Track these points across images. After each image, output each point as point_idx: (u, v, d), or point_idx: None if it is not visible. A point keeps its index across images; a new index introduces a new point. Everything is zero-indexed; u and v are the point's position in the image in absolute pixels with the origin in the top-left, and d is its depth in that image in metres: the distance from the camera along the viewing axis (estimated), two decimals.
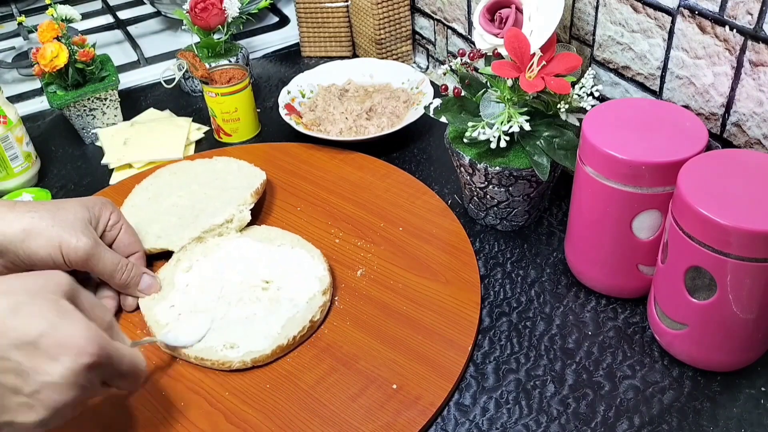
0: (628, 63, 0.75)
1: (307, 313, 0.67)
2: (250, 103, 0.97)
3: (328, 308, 0.69)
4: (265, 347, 0.64)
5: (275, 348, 0.64)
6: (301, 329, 0.65)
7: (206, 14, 1.02)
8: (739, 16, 0.61)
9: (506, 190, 0.73)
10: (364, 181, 0.87)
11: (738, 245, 0.52)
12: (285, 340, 0.64)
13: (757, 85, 0.62)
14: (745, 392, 0.60)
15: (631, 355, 0.64)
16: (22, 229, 0.62)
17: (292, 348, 0.66)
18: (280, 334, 0.65)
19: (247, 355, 0.63)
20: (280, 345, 0.64)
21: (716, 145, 0.69)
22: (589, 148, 0.62)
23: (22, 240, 0.62)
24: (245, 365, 0.64)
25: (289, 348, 0.65)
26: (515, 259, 0.75)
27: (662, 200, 0.60)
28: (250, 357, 0.63)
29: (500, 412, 0.60)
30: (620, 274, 0.67)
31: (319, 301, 0.68)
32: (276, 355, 0.65)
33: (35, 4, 1.43)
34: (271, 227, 0.78)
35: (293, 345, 0.65)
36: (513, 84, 0.69)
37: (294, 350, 0.66)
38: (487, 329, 0.68)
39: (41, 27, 0.94)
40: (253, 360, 0.63)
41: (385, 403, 0.60)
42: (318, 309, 0.67)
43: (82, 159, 0.97)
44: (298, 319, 0.66)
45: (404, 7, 1.08)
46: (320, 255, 0.73)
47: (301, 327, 0.65)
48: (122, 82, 1.04)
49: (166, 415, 0.61)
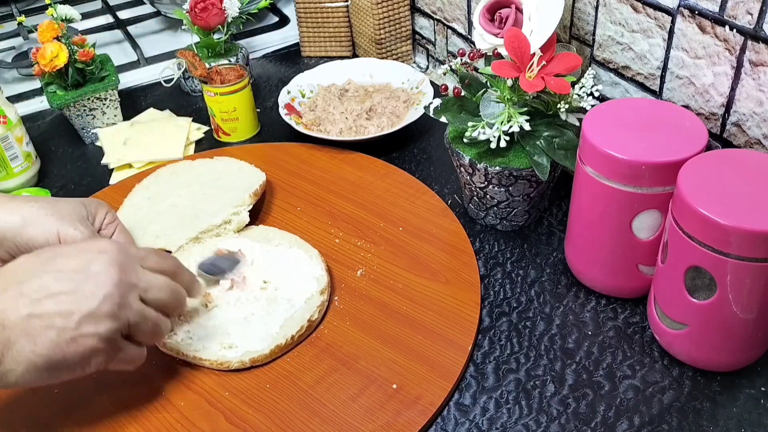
0: (628, 63, 0.75)
1: (305, 312, 0.67)
2: (250, 102, 0.97)
3: (326, 308, 0.69)
4: (264, 347, 0.64)
5: (273, 348, 0.64)
6: (300, 329, 0.65)
7: (206, 14, 1.02)
8: (739, 16, 0.61)
9: (506, 190, 0.73)
10: (364, 181, 0.87)
11: (738, 245, 0.52)
12: (283, 339, 0.64)
13: (757, 85, 0.62)
14: (745, 392, 0.60)
15: (631, 355, 0.64)
16: (21, 217, 0.62)
17: (290, 348, 0.66)
18: (279, 334, 0.65)
19: (246, 355, 0.64)
20: (279, 345, 0.64)
21: (716, 145, 0.69)
22: (589, 148, 0.62)
23: (21, 226, 0.62)
24: (244, 365, 0.64)
25: (288, 348, 0.65)
26: (515, 259, 0.75)
27: (662, 200, 0.60)
28: (248, 357, 0.63)
29: (500, 412, 0.60)
30: (620, 274, 0.67)
31: (317, 301, 0.68)
32: (274, 355, 0.65)
33: (35, 4, 1.43)
34: (269, 227, 0.78)
35: (291, 345, 0.65)
36: (513, 84, 0.68)
37: (293, 350, 0.66)
38: (487, 329, 0.68)
39: (41, 27, 0.94)
40: (251, 360, 0.64)
41: (385, 403, 0.60)
42: (316, 309, 0.67)
43: (82, 159, 0.97)
44: (296, 318, 0.66)
45: (404, 7, 1.08)
46: (318, 255, 0.73)
47: (299, 327, 0.65)
48: (122, 82, 1.04)
49: (166, 415, 0.61)
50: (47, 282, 0.52)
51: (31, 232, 0.62)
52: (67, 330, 0.51)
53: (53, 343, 0.51)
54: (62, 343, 0.51)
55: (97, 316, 0.52)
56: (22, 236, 0.62)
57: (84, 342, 0.52)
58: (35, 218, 0.63)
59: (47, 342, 0.51)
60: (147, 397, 0.62)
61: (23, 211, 0.63)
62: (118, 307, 0.53)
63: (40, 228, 0.62)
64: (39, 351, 0.50)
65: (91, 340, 0.52)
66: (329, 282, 0.71)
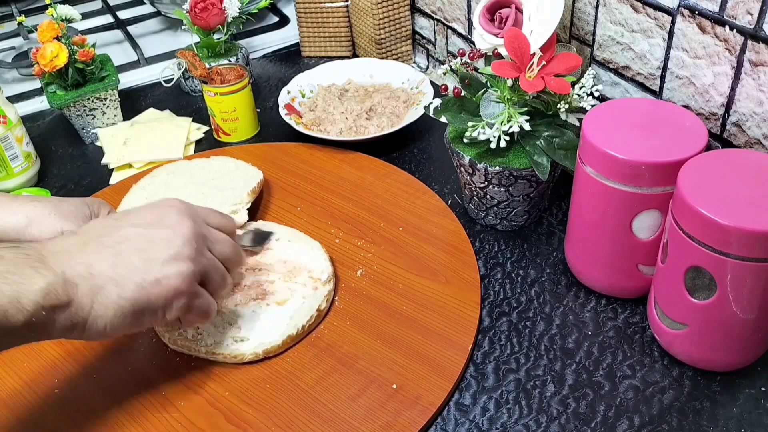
0: (628, 63, 0.75)
1: (313, 302, 0.68)
2: (249, 102, 0.97)
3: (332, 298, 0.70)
4: (276, 338, 0.65)
5: (286, 338, 0.65)
6: (309, 318, 0.67)
7: (206, 14, 1.02)
8: (739, 16, 0.61)
9: (506, 190, 0.73)
10: (364, 181, 0.87)
11: (738, 245, 0.52)
12: (294, 329, 0.65)
13: (757, 85, 0.62)
14: (745, 392, 0.60)
15: (631, 355, 0.64)
16: (25, 216, 0.63)
17: (301, 337, 0.66)
18: (289, 324, 0.66)
19: (259, 346, 0.64)
20: (291, 335, 0.65)
21: (716, 145, 0.69)
22: (589, 148, 0.62)
23: (25, 226, 0.62)
24: (258, 357, 0.64)
25: (299, 337, 0.66)
26: (515, 259, 0.75)
27: (662, 200, 0.60)
28: (261, 348, 0.64)
29: (500, 412, 0.60)
30: (620, 274, 0.67)
31: (324, 290, 0.69)
32: (287, 345, 0.66)
33: (35, 4, 1.43)
34: (267, 222, 0.79)
35: (303, 334, 0.66)
36: (513, 84, 0.68)
37: (293, 349, 0.66)
38: (487, 329, 0.68)
39: (41, 27, 0.94)
40: (265, 351, 0.64)
41: (385, 403, 0.60)
42: (324, 298, 0.68)
43: (82, 159, 0.97)
44: (305, 308, 0.67)
45: (404, 7, 1.08)
46: (319, 246, 0.74)
47: (309, 316, 0.67)
48: (122, 82, 1.04)
49: (166, 415, 0.61)
50: (126, 233, 0.55)
51: (34, 232, 0.62)
52: (152, 272, 0.54)
53: (138, 286, 0.53)
54: (147, 286, 0.53)
55: (179, 258, 0.55)
56: (26, 236, 0.62)
57: (168, 283, 0.54)
58: (39, 218, 0.63)
59: (133, 285, 0.53)
60: (147, 397, 0.62)
61: (27, 210, 0.63)
62: (196, 252, 0.56)
63: (44, 227, 0.63)
64: (126, 295, 0.53)
65: (175, 281, 0.55)
66: (333, 272, 0.72)
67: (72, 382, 0.65)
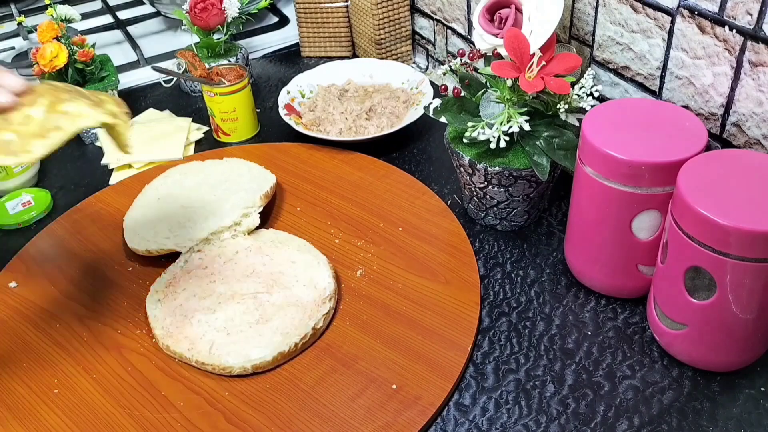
0: (627, 63, 0.75)
1: (310, 320, 0.66)
2: (249, 103, 0.97)
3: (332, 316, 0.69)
4: (266, 354, 0.63)
5: (276, 355, 0.63)
6: (303, 336, 0.65)
7: (206, 14, 1.02)
8: (738, 17, 0.61)
9: (506, 190, 0.73)
10: (364, 181, 0.87)
11: (738, 245, 0.52)
12: (286, 347, 0.64)
13: (757, 86, 0.62)
14: (745, 392, 0.60)
15: (630, 355, 0.64)
16: None
17: (294, 355, 0.65)
18: (282, 341, 0.64)
19: (248, 362, 0.63)
20: (281, 352, 0.64)
21: (716, 145, 0.69)
22: (588, 148, 0.62)
23: None
24: (246, 371, 0.63)
25: (291, 355, 0.65)
26: (515, 260, 0.75)
27: (662, 200, 0.60)
28: (250, 364, 0.63)
29: (500, 412, 0.60)
30: (620, 274, 0.67)
31: (323, 309, 0.67)
32: (277, 362, 0.64)
33: (35, 4, 1.43)
34: (278, 231, 0.78)
35: (295, 352, 0.65)
36: (513, 84, 0.69)
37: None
38: (486, 329, 0.68)
39: (41, 27, 0.94)
40: (254, 366, 0.63)
41: (385, 403, 0.60)
42: (321, 317, 0.66)
43: (82, 159, 0.97)
44: (300, 326, 0.66)
45: (404, 7, 1.08)
46: (326, 261, 0.72)
47: (303, 334, 0.65)
48: (122, 82, 1.04)
49: (166, 415, 0.61)
50: None
51: None
52: None
53: None
54: None
55: None
56: None
57: None
58: None
59: None
60: (147, 397, 0.62)
61: None
62: None
63: None
64: None
65: None
66: (336, 290, 0.70)
67: (72, 382, 0.65)
